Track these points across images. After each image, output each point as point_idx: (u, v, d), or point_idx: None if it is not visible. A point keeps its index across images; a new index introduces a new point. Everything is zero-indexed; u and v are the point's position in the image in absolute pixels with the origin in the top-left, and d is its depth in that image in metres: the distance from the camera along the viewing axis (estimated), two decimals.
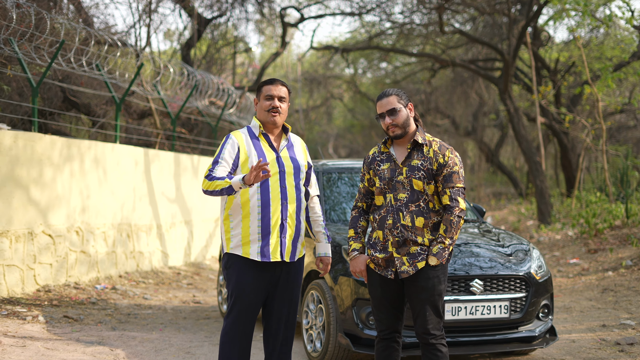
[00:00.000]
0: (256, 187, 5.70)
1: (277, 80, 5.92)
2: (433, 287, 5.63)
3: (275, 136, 5.95)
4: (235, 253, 5.77)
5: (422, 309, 5.64)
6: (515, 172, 37.81)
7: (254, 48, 31.12)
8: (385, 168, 5.79)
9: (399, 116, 5.76)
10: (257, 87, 5.96)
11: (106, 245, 12.63)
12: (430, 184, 5.68)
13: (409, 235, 5.63)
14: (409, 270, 5.63)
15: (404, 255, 5.65)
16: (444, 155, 5.71)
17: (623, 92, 29.18)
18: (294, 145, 6.03)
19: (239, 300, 5.73)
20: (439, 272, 5.66)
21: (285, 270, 5.85)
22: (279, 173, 5.78)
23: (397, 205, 5.68)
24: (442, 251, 5.61)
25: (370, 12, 26.69)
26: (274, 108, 5.82)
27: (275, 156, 5.83)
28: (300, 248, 5.94)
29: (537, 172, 21.19)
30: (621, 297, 11.32)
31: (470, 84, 32.55)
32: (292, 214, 5.81)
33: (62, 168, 11.47)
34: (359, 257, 5.86)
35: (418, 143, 5.78)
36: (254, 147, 5.80)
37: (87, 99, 15.70)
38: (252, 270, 5.73)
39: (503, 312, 7.22)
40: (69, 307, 10.21)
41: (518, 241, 8.07)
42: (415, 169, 5.68)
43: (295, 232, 5.84)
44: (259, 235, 5.71)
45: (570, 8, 19.80)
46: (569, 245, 16.46)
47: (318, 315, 7.71)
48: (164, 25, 35.29)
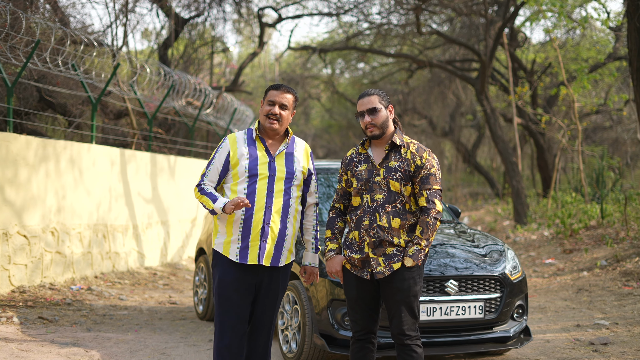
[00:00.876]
0: (244, 187, 5.73)
1: (283, 87, 5.90)
2: (409, 288, 5.64)
3: (274, 140, 5.94)
4: (217, 250, 5.80)
5: (398, 310, 5.65)
6: (492, 172, 37.97)
7: (231, 48, 31.06)
8: (362, 169, 5.81)
9: (379, 116, 5.78)
10: (265, 90, 5.95)
11: (82, 246, 12.57)
12: (407, 185, 5.70)
13: (385, 236, 5.64)
14: (384, 271, 5.64)
15: (380, 256, 5.66)
16: (422, 157, 5.73)
17: (599, 93, 29.34)
18: (296, 150, 5.99)
19: (221, 299, 5.74)
20: (414, 273, 5.67)
21: (268, 275, 5.84)
22: (268, 177, 5.77)
23: (373, 206, 5.69)
24: (418, 252, 5.62)
25: (348, 12, 26.72)
26: (273, 115, 5.82)
27: (269, 160, 5.82)
28: (287, 255, 5.90)
29: (513, 173, 21.27)
30: (595, 297, 11.39)
31: (448, 84, 32.64)
32: (276, 218, 5.77)
33: (37, 168, 11.41)
34: (335, 258, 5.87)
35: (396, 144, 5.79)
36: (247, 151, 5.81)
37: (64, 99, 15.61)
38: (234, 271, 5.73)
39: (478, 313, 7.24)
40: (43, 308, 10.16)
41: (493, 242, 8.10)
42: (392, 170, 5.70)
43: (279, 236, 5.80)
44: (239, 236, 5.72)
45: (546, 9, 19.88)
46: (545, 246, 16.54)
47: (294, 316, 7.71)
48: (141, 25, 35.18)
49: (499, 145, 21.79)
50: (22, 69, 11.29)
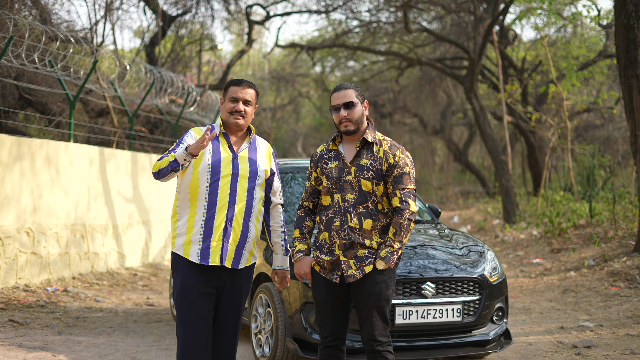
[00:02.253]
0: (206, 185, 5.47)
1: (245, 82, 5.69)
2: (380, 292, 5.44)
3: (238, 137, 5.72)
4: (177, 253, 5.54)
5: (369, 314, 5.44)
6: (484, 171, 37.85)
7: (220, 46, 30.80)
8: (333, 167, 5.59)
9: (355, 111, 5.55)
10: (225, 86, 5.73)
11: (59, 246, 12.32)
12: (380, 184, 5.48)
13: (356, 237, 5.43)
14: (355, 274, 5.43)
15: (351, 258, 5.45)
16: (395, 156, 5.50)
17: (590, 91, 29.21)
18: (258, 149, 5.77)
19: (183, 303, 5.49)
20: (386, 276, 5.46)
21: (231, 277, 5.59)
22: (231, 175, 5.53)
23: (344, 206, 5.48)
24: (390, 255, 5.41)
25: (337, 9, 26.55)
26: (237, 112, 5.60)
27: (232, 157, 5.59)
28: (248, 256, 5.66)
29: (502, 171, 21.14)
30: (581, 298, 11.18)
31: (438, 82, 32.52)
32: (239, 218, 5.53)
33: (11, 167, 11.16)
34: (304, 259, 5.65)
35: (367, 141, 5.57)
36: (211, 146, 5.57)
37: (44, 97, 15.35)
38: (194, 272, 5.48)
39: (456, 316, 7.01)
40: (15, 311, 9.91)
41: (473, 243, 7.87)
42: (364, 169, 5.48)
43: (241, 237, 5.56)
44: (200, 236, 5.46)
45: (536, 7, 19.73)
46: (533, 245, 16.36)
47: (267, 319, 7.49)
48: (127, 22, 34.93)
49: (488, 144, 21.66)
50: None
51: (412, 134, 40.23)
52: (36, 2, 15.52)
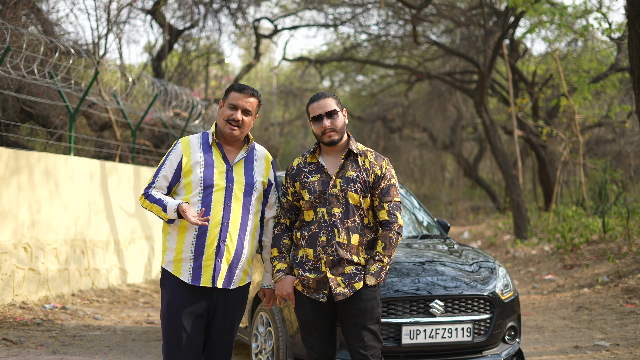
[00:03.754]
0: (198, 199, 5.11)
1: (247, 89, 5.27)
2: (371, 309, 5.17)
3: (233, 146, 5.34)
4: (167, 269, 5.19)
5: (359, 333, 5.17)
6: (494, 186, 37.49)
7: (227, 60, 30.61)
8: (315, 180, 5.29)
9: (338, 120, 5.28)
10: (226, 90, 5.33)
11: (58, 262, 12.00)
12: (366, 197, 5.23)
13: (344, 254, 5.15)
14: (345, 292, 5.14)
15: (339, 275, 5.17)
16: (381, 167, 5.28)
17: (601, 105, 28.88)
18: (256, 159, 5.41)
19: (169, 323, 5.14)
20: (376, 293, 5.21)
21: (223, 297, 5.24)
22: (225, 188, 5.18)
23: (331, 221, 5.19)
24: (380, 270, 5.16)
25: (345, 23, 26.33)
26: (235, 121, 5.20)
27: (226, 169, 5.24)
28: (242, 276, 5.32)
29: (513, 186, 20.82)
30: (596, 316, 10.81)
31: (448, 97, 32.26)
32: (233, 236, 5.18)
33: (8, 180, 10.86)
34: (285, 279, 5.33)
35: (352, 152, 5.30)
36: (202, 157, 5.21)
37: (45, 110, 15.07)
38: (184, 292, 5.13)
39: (466, 335, 6.67)
40: (10, 329, 9.58)
41: (483, 258, 7.52)
42: (350, 181, 5.22)
43: (235, 256, 5.21)
44: (191, 254, 5.12)
45: (547, 20, 19.44)
46: (545, 261, 16.00)
47: (267, 338, 7.15)
48: (131, 36, 34.77)
49: (498, 158, 21.37)
50: None
51: (421, 149, 39.92)
52: (39, 15, 15.28)
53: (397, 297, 6.44)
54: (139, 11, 21.71)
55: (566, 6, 19.88)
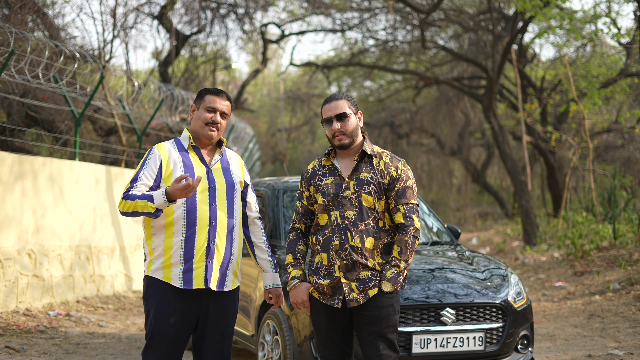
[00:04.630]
0: (181, 203, 5.01)
1: (223, 93, 5.24)
2: (387, 316, 5.00)
3: (208, 150, 5.27)
4: (154, 277, 5.04)
5: (374, 342, 5.01)
6: (502, 192, 37.31)
7: (234, 65, 30.54)
8: (328, 183, 5.16)
9: (349, 123, 5.13)
10: (199, 93, 5.26)
11: (62, 269, 11.87)
12: (381, 199, 5.07)
13: (358, 257, 4.99)
14: (359, 298, 4.99)
15: (353, 281, 5.01)
16: (397, 168, 5.11)
17: (610, 111, 28.70)
18: (230, 161, 5.34)
19: (157, 331, 5.01)
20: (393, 300, 5.03)
21: (213, 301, 5.13)
22: (208, 190, 5.10)
23: (344, 224, 5.04)
24: (397, 276, 4.98)
25: (353, 28, 26.22)
26: (214, 123, 5.15)
27: (206, 171, 5.16)
28: (233, 278, 5.22)
29: (522, 192, 20.65)
30: (608, 324, 10.63)
31: (456, 102, 32.09)
32: (222, 235, 5.11)
33: (12, 186, 10.73)
34: (300, 286, 5.21)
35: (366, 154, 5.15)
36: (181, 161, 5.12)
37: (50, 115, 14.96)
38: (174, 301, 5.01)
39: (478, 344, 6.51)
40: (13, 337, 9.44)
41: (495, 265, 7.37)
42: (364, 183, 5.06)
43: (225, 256, 5.13)
44: (181, 258, 5.00)
45: (556, 25, 19.30)
46: (555, 267, 15.82)
47: (274, 347, 6.99)
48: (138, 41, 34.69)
49: (507, 164, 21.21)
50: None
51: (429, 155, 39.73)
52: (45, 19, 15.18)
53: (407, 305, 6.29)
54: (146, 16, 21.64)
55: (575, 11, 19.71)
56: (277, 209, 7.98)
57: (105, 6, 21.96)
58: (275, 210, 7.96)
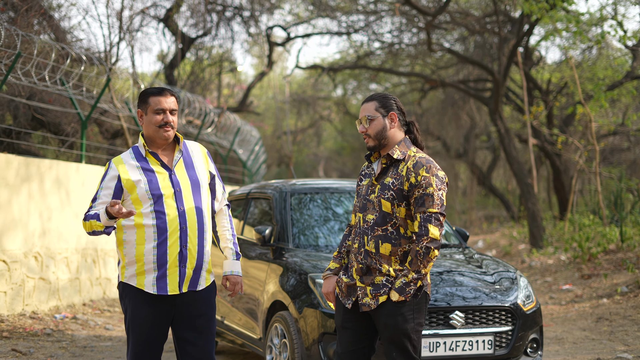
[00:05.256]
0: (150, 210, 4.98)
1: (166, 90, 5.16)
2: (396, 325, 4.91)
3: (167, 151, 5.21)
4: (129, 283, 5.04)
5: (388, 348, 4.97)
6: (508, 195, 37.23)
7: (240, 68, 30.49)
8: (364, 184, 5.17)
9: (372, 125, 5.06)
10: (141, 96, 5.17)
11: (69, 272, 11.85)
12: (401, 206, 4.95)
13: (372, 262, 4.95)
14: (370, 303, 4.95)
15: (369, 285, 4.97)
16: (417, 175, 4.92)
17: (616, 113, 28.64)
18: (192, 155, 5.27)
19: (134, 335, 5.05)
20: (404, 309, 4.92)
21: (187, 302, 5.11)
22: (174, 194, 5.04)
23: (363, 228, 5.03)
24: (405, 286, 4.88)
25: (359, 31, 26.18)
26: (167, 123, 5.07)
27: (168, 174, 5.10)
28: (206, 275, 5.19)
29: (528, 195, 20.59)
30: (617, 327, 10.59)
31: (462, 105, 32.02)
32: (193, 239, 5.06)
33: (19, 189, 10.72)
34: (330, 278, 5.27)
35: (395, 158, 5.06)
36: (141, 170, 5.07)
37: (57, 118, 14.95)
38: (147, 303, 5.01)
39: (487, 348, 6.48)
40: (20, 339, 9.42)
41: (504, 268, 7.32)
42: (385, 188, 5.00)
43: (198, 259, 5.10)
44: (154, 265, 4.97)
45: (562, 28, 19.24)
46: (562, 270, 15.76)
47: (282, 350, 6.96)
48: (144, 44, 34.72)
49: (513, 167, 21.15)
50: (2, 83, 10.64)
51: (435, 158, 39.61)
52: (51, 22, 15.17)
53: None
54: (152, 19, 21.67)
55: (581, 13, 19.65)
56: (284, 211, 7.96)
57: (112, 9, 21.90)
58: (283, 213, 7.94)
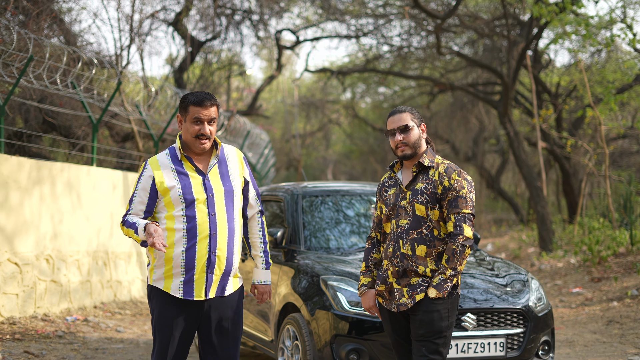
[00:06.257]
0: (182, 214, 5.01)
1: (207, 100, 5.07)
2: (432, 321, 5.13)
3: (203, 155, 5.21)
4: (156, 286, 5.09)
5: (419, 346, 5.17)
6: (517, 198, 37.19)
7: (249, 71, 30.55)
8: (391, 193, 5.39)
9: (411, 135, 5.31)
10: (182, 103, 5.14)
11: (80, 274, 11.90)
12: (435, 209, 5.22)
13: (408, 264, 5.18)
14: (407, 302, 5.19)
15: (405, 286, 5.22)
16: (450, 178, 5.24)
17: (626, 117, 28.61)
18: (228, 160, 5.26)
19: (160, 336, 5.07)
20: (440, 306, 5.15)
21: (215, 306, 5.14)
22: (206, 199, 5.06)
23: (398, 232, 5.26)
24: (442, 283, 5.12)
25: (367, 34, 26.20)
26: (203, 135, 5.07)
27: (202, 180, 5.11)
28: (234, 280, 5.22)
29: (538, 198, 20.57)
30: (627, 330, 10.58)
31: (470, 108, 32.02)
32: (222, 246, 5.08)
33: (30, 191, 10.77)
34: (368, 293, 5.48)
35: (424, 166, 5.32)
36: (175, 174, 5.09)
37: (67, 121, 15.01)
38: (174, 305, 5.05)
39: (499, 350, 6.50)
40: (32, 342, 9.46)
41: (515, 271, 7.34)
42: (418, 193, 5.25)
43: (227, 266, 5.11)
44: (182, 269, 5.01)
45: (571, 31, 19.24)
46: (572, 274, 15.75)
47: (294, 352, 6.98)
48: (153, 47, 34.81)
49: (523, 170, 21.14)
50: (14, 86, 10.69)
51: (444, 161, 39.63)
52: (62, 26, 15.23)
53: None
54: (161, 22, 21.68)
55: (591, 17, 19.64)
56: (296, 214, 7.99)
57: (122, 13, 21.96)
58: (295, 215, 7.97)
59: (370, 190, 8.73)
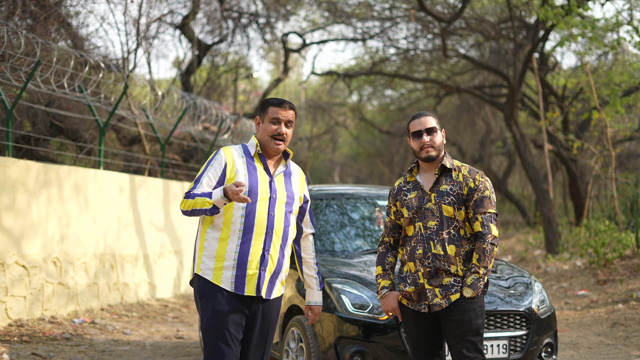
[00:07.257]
0: (242, 208, 5.08)
1: (286, 103, 5.29)
2: (469, 320, 5.28)
3: (274, 160, 5.34)
4: (204, 277, 5.11)
5: (458, 345, 5.29)
6: (523, 200, 37.19)
7: (255, 74, 30.59)
8: (412, 197, 5.51)
9: (436, 137, 5.50)
10: (262, 105, 5.31)
11: (87, 277, 11.97)
12: (461, 209, 5.39)
13: (441, 264, 5.31)
14: (441, 302, 5.30)
15: (437, 286, 5.33)
16: (475, 180, 5.44)
17: (632, 119, 28.60)
18: (292, 174, 5.42)
19: (218, 334, 5.05)
20: (475, 304, 5.32)
21: (261, 307, 5.21)
22: (269, 199, 5.17)
23: (427, 234, 5.37)
24: (476, 282, 5.29)
25: (374, 37, 26.25)
26: (280, 135, 5.21)
27: (269, 180, 5.23)
28: (280, 286, 5.31)
29: (544, 200, 20.59)
30: (632, 332, 10.61)
31: (477, 111, 32.05)
32: (277, 245, 5.19)
33: (38, 194, 10.84)
34: (390, 295, 5.55)
35: (446, 168, 5.49)
36: (245, 166, 5.19)
37: (75, 125, 15.09)
38: (228, 302, 5.08)
39: (502, 352, 6.55)
40: (39, 344, 9.53)
41: (518, 273, 7.40)
42: (444, 195, 5.40)
43: (277, 266, 5.22)
44: (234, 262, 5.08)
45: (577, 33, 19.25)
46: (577, 276, 15.77)
47: (299, 354, 7.04)
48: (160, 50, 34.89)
49: (529, 172, 21.16)
50: (22, 90, 10.76)
51: None
52: (69, 29, 15.31)
53: None
54: (168, 26, 21.78)
55: (597, 19, 19.65)
56: None
57: (128, 16, 22.04)
58: None
59: (375, 193, 8.79)
